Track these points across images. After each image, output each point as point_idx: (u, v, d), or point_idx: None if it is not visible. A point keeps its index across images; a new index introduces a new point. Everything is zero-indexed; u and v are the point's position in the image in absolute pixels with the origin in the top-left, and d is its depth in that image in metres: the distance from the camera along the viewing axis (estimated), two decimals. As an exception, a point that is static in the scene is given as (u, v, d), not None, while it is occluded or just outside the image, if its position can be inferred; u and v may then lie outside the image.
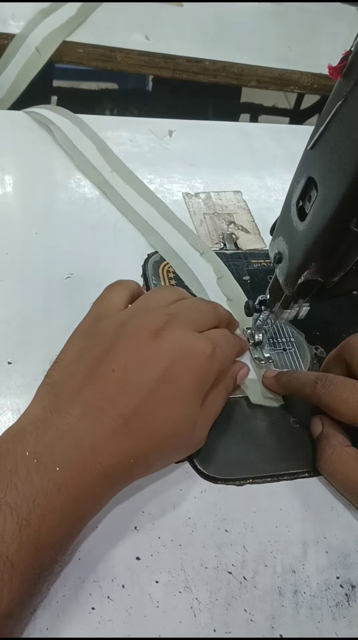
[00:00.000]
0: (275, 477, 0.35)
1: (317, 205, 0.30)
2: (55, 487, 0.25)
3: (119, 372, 0.29)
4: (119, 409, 0.28)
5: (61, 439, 0.26)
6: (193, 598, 0.29)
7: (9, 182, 0.50)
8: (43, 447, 0.26)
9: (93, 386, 0.28)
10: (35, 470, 0.25)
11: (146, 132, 0.60)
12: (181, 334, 0.31)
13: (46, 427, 0.27)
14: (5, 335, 0.39)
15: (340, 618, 0.30)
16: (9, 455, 0.26)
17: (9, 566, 0.23)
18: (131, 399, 0.28)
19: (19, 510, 0.24)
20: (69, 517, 0.25)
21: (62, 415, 0.28)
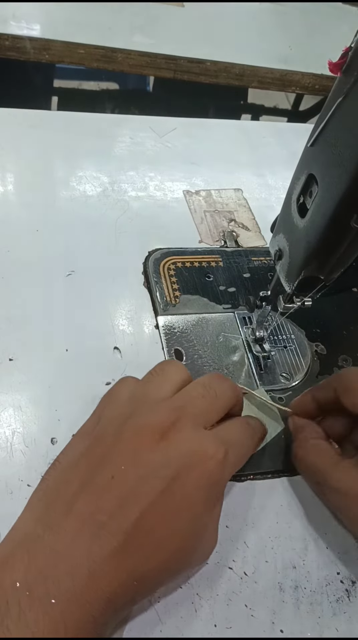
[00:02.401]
0: (276, 473, 0.35)
1: (317, 202, 0.30)
2: (51, 624, 0.21)
3: (119, 480, 0.25)
4: (119, 522, 0.24)
5: (55, 563, 0.23)
6: (194, 593, 0.30)
7: (10, 179, 0.50)
8: (35, 576, 0.22)
9: (89, 495, 0.25)
10: (28, 606, 0.22)
11: (147, 130, 0.60)
12: (189, 437, 0.27)
13: (37, 548, 0.24)
14: (7, 332, 0.39)
15: (340, 613, 0.30)
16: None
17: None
18: (132, 512, 0.24)
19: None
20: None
21: (55, 531, 0.24)
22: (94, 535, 0.24)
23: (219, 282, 0.46)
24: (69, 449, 0.29)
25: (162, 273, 0.45)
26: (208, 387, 0.30)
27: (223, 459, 0.27)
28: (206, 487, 0.26)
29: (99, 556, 0.23)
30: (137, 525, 0.24)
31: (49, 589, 0.22)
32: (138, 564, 0.24)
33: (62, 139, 0.57)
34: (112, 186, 0.53)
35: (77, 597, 0.22)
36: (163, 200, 0.53)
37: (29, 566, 0.23)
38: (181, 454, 0.26)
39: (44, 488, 0.27)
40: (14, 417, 0.34)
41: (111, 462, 0.26)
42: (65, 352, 0.38)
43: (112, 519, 0.24)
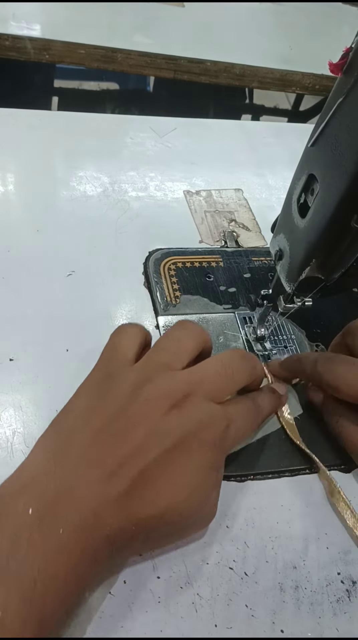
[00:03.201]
0: (276, 473, 0.35)
1: (318, 202, 0.30)
2: (58, 550, 0.24)
3: (131, 435, 0.27)
4: (126, 470, 0.26)
5: (65, 497, 0.25)
6: (194, 594, 0.30)
7: (11, 180, 0.50)
8: (46, 505, 0.25)
9: (102, 443, 0.27)
10: (38, 531, 0.24)
11: (147, 130, 0.60)
12: (198, 409, 0.29)
13: (50, 482, 0.26)
14: (7, 332, 0.39)
15: (341, 614, 0.30)
16: (10, 513, 0.24)
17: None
18: (140, 462, 0.27)
19: (22, 579, 0.22)
20: (71, 584, 0.24)
21: (67, 471, 0.26)
22: (102, 479, 0.26)
23: (220, 282, 0.46)
24: (80, 399, 0.31)
25: (162, 273, 0.45)
26: (226, 366, 0.31)
27: (225, 430, 0.29)
28: (207, 452, 0.29)
29: (105, 498, 0.26)
30: (142, 474, 0.26)
31: (58, 519, 0.24)
32: (138, 509, 0.26)
33: (62, 139, 0.57)
34: (112, 186, 0.53)
35: (82, 530, 0.25)
36: (163, 201, 0.53)
37: (41, 497, 0.25)
38: (190, 422, 0.28)
39: (58, 431, 0.29)
40: (14, 417, 0.34)
41: (124, 419, 0.28)
42: (65, 352, 0.38)
43: (120, 467, 0.26)
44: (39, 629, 0.22)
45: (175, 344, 0.32)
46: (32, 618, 0.22)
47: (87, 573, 0.25)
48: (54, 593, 0.23)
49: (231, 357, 0.32)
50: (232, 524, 0.32)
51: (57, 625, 0.24)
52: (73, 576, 0.24)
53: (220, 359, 0.32)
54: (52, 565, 0.23)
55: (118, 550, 0.26)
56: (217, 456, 0.29)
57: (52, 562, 0.23)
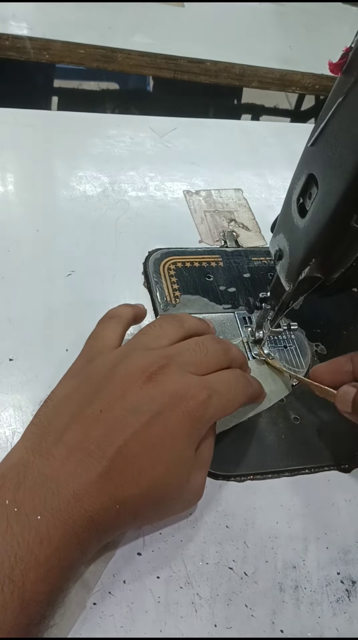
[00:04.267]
0: (275, 473, 0.35)
1: (318, 202, 0.30)
2: (37, 537, 0.23)
3: (107, 414, 0.27)
4: (104, 450, 0.26)
5: (43, 484, 0.25)
6: (194, 593, 0.30)
7: (11, 179, 0.50)
8: (24, 494, 0.24)
9: (79, 426, 0.27)
10: (15, 520, 0.23)
11: (147, 130, 0.60)
12: (174, 379, 0.29)
13: (27, 471, 0.25)
14: (7, 332, 0.39)
15: (340, 614, 0.30)
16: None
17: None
18: (117, 439, 0.26)
19: (0, 566, 0.22)
20: (54, 568, 0.24)
21: (45, 457, 0.26)
22: (80, 461, 0.26)
23: (220, 282, 0.46)
24: (60, 388, 0.31)
25: (162, 273, 0.45)
26: (200, 345, 0.32)
27: (205, 400, 0.29)
28: (187, 424, 0.28)
29: (84, 479, 0.25)
30: (120, 452, 0.26)
31: (36, 506, 0.24)
32: (119, 488, 0.26)
33: (62, 139, 0.57)
34: (112, 186, 0.53)
35: (62, 514, 0.24)
36: (163, 200, 0.53)
37: (19, 486, 0.25)
38: (165, 393, 0.28)
39: (37, 422, 0.29)
40: (14, 417, 0.34)
41: (100, 398, 0.28)
42: (65, 352, 0.38)
43: (98, 446, 0.26)
44: (20, 610, 0.22)
45: (157, 330, 0.33)
46: (12, 602, 0.22)
47: (71, 556, 0.25)
48: (35, 576, 0.23)
49: (205, 338, 0.33)
50: (232, 524, 0.32)
51: (40, 605, 0.24)
52: (55, 559, 0.24)
53: (195, 339, 0.32)
54: (31, 552, 0.23)
55: (105, 531, 0.26)
56: (196, 427, 0.29)
57: (31, 549, 0.23)
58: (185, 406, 0.28)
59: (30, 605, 0.23)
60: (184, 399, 0.28)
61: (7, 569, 0.22)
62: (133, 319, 0.36)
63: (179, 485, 0.28)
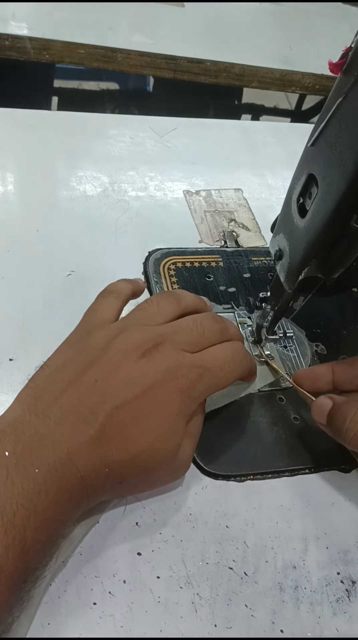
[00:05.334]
0: (275, 473, 0.35)
1: (318, 202, 0.30)
2: (35, 488, 0.25)
3: (101, 383, 0.29)
4: (96, 415, 0.28)
5: (40, 441, 0.26)
6: (194, 593, 0.30)
7: (11, 180, 0.50)
8: (22, 448, 0.26)
9: (74, 392, 0.28)
10: (15, 471, 0.25)
11: (147, 130, 0.60)
12: (167, 356, 0.30)
13: (25, 428, 0.27)
14: (7, 332, 0.39)
15: (340, 613, 0.30)
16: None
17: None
18: (109, 406, 0.28)
19: (3, 511, 0.23)
20: (51, 519, 0.25)
21: (41, 417, 0.27)
22: (74, 424, 0.27)
23: (220, 282, 0.46)
24: (57, 356, 0.32)
25: (162, 273, 0.45)
26: (198, 324, 0.32)
27: (196, 379, 0.30)
28: (177, 399, 0.29)
29: (78, 441, 0.27)
30: (111, 418, 0.28)
31: (34, 460, 0.25)
32: (108, 452, 0.27)
33: (62, 139, 0.57)
34: (112, 186, 0.53)
35: (57, 470, 0.26)
36: (163, 200, 0.53)
37: (17, 441, 0.26)
38: (158, 369, 0.29)
39: (33, 386, 0.30)
40: (14, 417, 0.34)
41: (96, 368, 0.29)
42: (65, 352, 0.38)
43: (92, 412, 0.28)
44: (21, 555, 0.24)
45: (154, 306, 0.33)
46: (14, 546, 0.23)
47: (64, 510, 0.26)
48: (34, 524, 0.24)
49: (203, 316, 0.34)
50: (232, 524, 0.32)
51: (38, 553, 0.25)
52: (51, 511, 0.25)
53: (193, 317, 0.33)
54: (30, 501, 0.24)
55: (93, 492, 0.27)
56: (186, 403, 0.30)
57: (30, 497, 0.24)
58: (176, 383, 0.29)
59: (30, 550, 0.24)
60: (175, 377, 0.29)
61: (10, 514, 0.24)
62: (132, 294, 0.37)
63: (168, 456, 0.29)
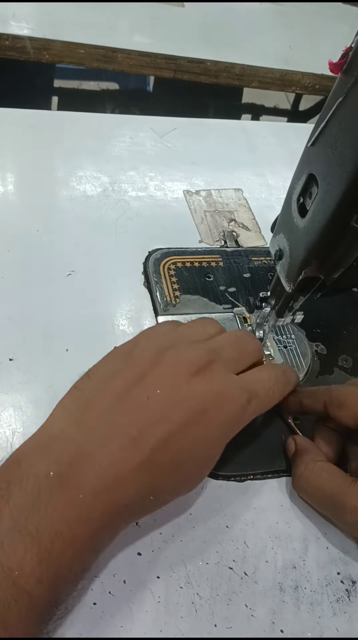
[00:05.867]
0: (275, 473, 0.35)
1: (318, 201, 0.30)
2: (78, 516, 0.23)
3: (153, 401, 0.27)
4: (147, 440, 0.26)
5: (86, 461, 0.25)
6: (194, 593, 0.30)
7: (11, 180, 0.50)
8: (67, 468, 0.24)
9: (124, 409, 0.27)
10: (59, 495, 0.23)
11: (147, 130, 0.60)
12: (220, 378, 0.29)
13: (71, 445, 0.25)
14: (7, 332, 0.39)
15: (340, 613, 0.30)
16: (32, 474, 0.24)
17: (26, 600, 0.21)
18: (161, 432, 0.26)
19: (40, 539, 0.22)
20: (88, 549, 0.24)
21: (88, 435, 0.26)
22: (123, 446, 0.26)
23: (220, 282, 0.46)
24: (104, 364, 0.31)
25: (162, 273, 0.45)
26: (239, 339, 0.33)
27: (245, 404, 0.29)
28: (225, 426, 0.29)
29: (126, 465, 0.25)
30: (164, 444, 0.26)
31: (79, 484, 0.24)
32: (156, 480, 0.26)
33: (62, 139, 0.57)
34: (112, 186, 0.53)
35: (102, 497, 0.24)
36: (163, 200, 0.53)
37: (61, 460, 0.24)
38: (211, 391, 0.28)
39: (79, 395, 0.28)
40: (14, 417, 0.34)
41: (147, 384, 0.28)
42: (65, 352, 0.38)
43: (142, 434, 0.26)
44: (53, 586, 0.23)
45: (200, 326, 0.33)
46: (47, 578, 0.22)
47: (103, 538, 0.25)
48: (71, 555, 0.23)
49: (241, 332, 0.34)
50: (232, 524, 0.32)
51: (71, 584, 0.24)
52: (90, 541, 0.24)
53: (233, 333, 0.33)
54: (71, 531, 0.23)
55: (134, 516, 0.27)
56: (233, 430, 0.29)
57: (71, 527, 0.23)
58: (228, 408, 0.28)
59: (62, 582, 0.23)
60: (227, 401, 0.29)
61: (47, 543, 0.22)
62: None
63: (202, 479, 0.30)
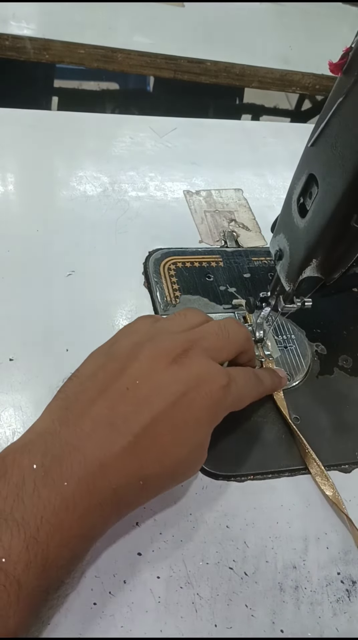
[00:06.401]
0: (276, 473, 0.35)
1: (318, 202, 0.30)
2: (63, 503, 0.24)
3: (133, 391, 0.28)
4: (130, 426, 0.27)
5: (70, 453, 0.25)
6: (194, 593, 0.30)
7: (11, 180, 0.50)
8: (51, 460, 0.25)
9: (105, 401, 0.27)
10: (43, 484, 0.24)
11: (147, 130, 0.60)
12: (198, 363, 0.30)
13: (55, 440, 0.26)
14: (7, 332, 0.39)
15: (340, 614, 0.30)
16: (15, 467, 0.24)
17: (15, 586, 0.22)
18: (144, 417, 0.27)
19: (26, 526, 0.23)
20: (77, 536, 0.24)
21: (72, 428, 0.26)
22: (107, 434, 0.26)
23: (220, 282, 0.46)
24: (85, 365, 0.31)
25: (162, 273, 0.45)
26: (223, 328, 0.33)
27: (226, 385, 0.30)
28: (209, 407, 0.29)
29: (110, 452, 0.26)
30: (147, 429, 0.27)
31: (63, 472, 0.24)
32: (144, 465, 0.26)
33: (62, 139, 0.57)
34: (112, 186, 0.53)
35: (88, 483, 0.25)
36: (163, 200, 0.53)
37: (46, 453, 0.25)
38: (190, 375, 0.29)
39: (63, 397, 0.29)
40: (14, 417, 0.34)
41: (126, 376, 0.29)
42: (65, 352, 0.38)
43: (125, 422, 0.27)
44: (42, 572, 0.23)
45: (181, 317, 0.34)
46: (35, 562, 0.22)
47: (94, 523, 0.25)
48: (59, 541, 0.23)
49: (227, 321, 0.34)
50: (232, 524, 0.32)
51: (61, 570, 0.24)
52: (78, 526, 0.24)
53: (217, 322, 0.33)
54: (56, 516, 0.23)
55: (125, 504, 0.27)
56: (217, 413, 0.30)
57: (56, 513, 0.23)
58: (209, 389, 0.29)
59: (52, 568, 0.23)
60: (207, 382, 0.29)
61: (33, 530, 0.23)
62: None
63: (197, 465, 0.30)
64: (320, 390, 0.40)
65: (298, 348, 0.42)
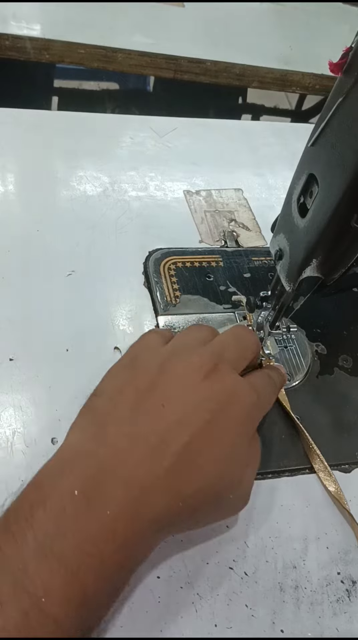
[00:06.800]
0: (276, 473, 0.35)
1: (318, 202, 0.30)
2: (105, 533, 0.23)
3: (169, 408, 0.27)
4: (169, 445, 0.26)
5: (110, 478, 0.24)
6: (194, 593, 0.30)
7: (11, 179, 0.50)
8: (92, 486, 0.24)
9: (140, 419, 0.27)
10: (85, 513, 0.23)
11: (147, 130, 0.60)
12: (228, 379, 0.29)
13: (92, 462, 0.25)
14: (7, 332, 0.39)
15: (340, 613, 0.30)
16: (56, 493, 0.23)
17: (52, 627, 0.21)
18: (182, 436, 0.26)
19: (67, 562, 0.22)
20: (119, 569, 0.24)
21: (109, 449, 0.25)
22: (146, 455, 0.25)
23: (220, 282, 0.46)
24: (109, 381, 0.31)
25: (162, 273, 0.45)
26: (239, 338, 0.33)
27: (256, 401, 0.30)
28: (243, 422, 0.29)
29: (152, 474, 0.25)
30: (186, 448, 0.26)
31: (106, 500, 0.24)
32: (184, 485, 0.26)
33: (62, 139, 0.57)
34: (112, 186, 0.53)
35: (130, 510, 0.24)
36: (163, 200, 0.53)
37: (86, 477, 0.24)
38: (224, 391, 0.29)
39: (92, 414, 0.28)
40: (14, 417, 0.34)
41: (159, 391, 0.28)
42: (65, 352, 0.38)
43: (163, 441, 0.26)
44: (81, 609, 0.22)
45: (194, 332, 0.33)
46: (74, 600, 0.22)
47: (134, 555, 0.25)
48: (98, 574, 0.23)
49: (240, 330, 0.34)
50: (232, 524, 0.32)
51: (99, 605, 0.24)
52: (118, 557, 0.23)
53: (231, 332, 0.33)
54: (97, 548, 0.23)
55: (164, 530, 0.26)
56: (250, 427, 0.30)
57: (97, 544, 0.23)
58: (242, 404, 0.29)
59: (91, 605, 0.23)
60: (239, 397, 0.29)
61: (74, 565, 0.22)
62: None
63: (236, 482, 0.29)
64: (320, 390, 0.40)
65: (298, 348, 0.42)
